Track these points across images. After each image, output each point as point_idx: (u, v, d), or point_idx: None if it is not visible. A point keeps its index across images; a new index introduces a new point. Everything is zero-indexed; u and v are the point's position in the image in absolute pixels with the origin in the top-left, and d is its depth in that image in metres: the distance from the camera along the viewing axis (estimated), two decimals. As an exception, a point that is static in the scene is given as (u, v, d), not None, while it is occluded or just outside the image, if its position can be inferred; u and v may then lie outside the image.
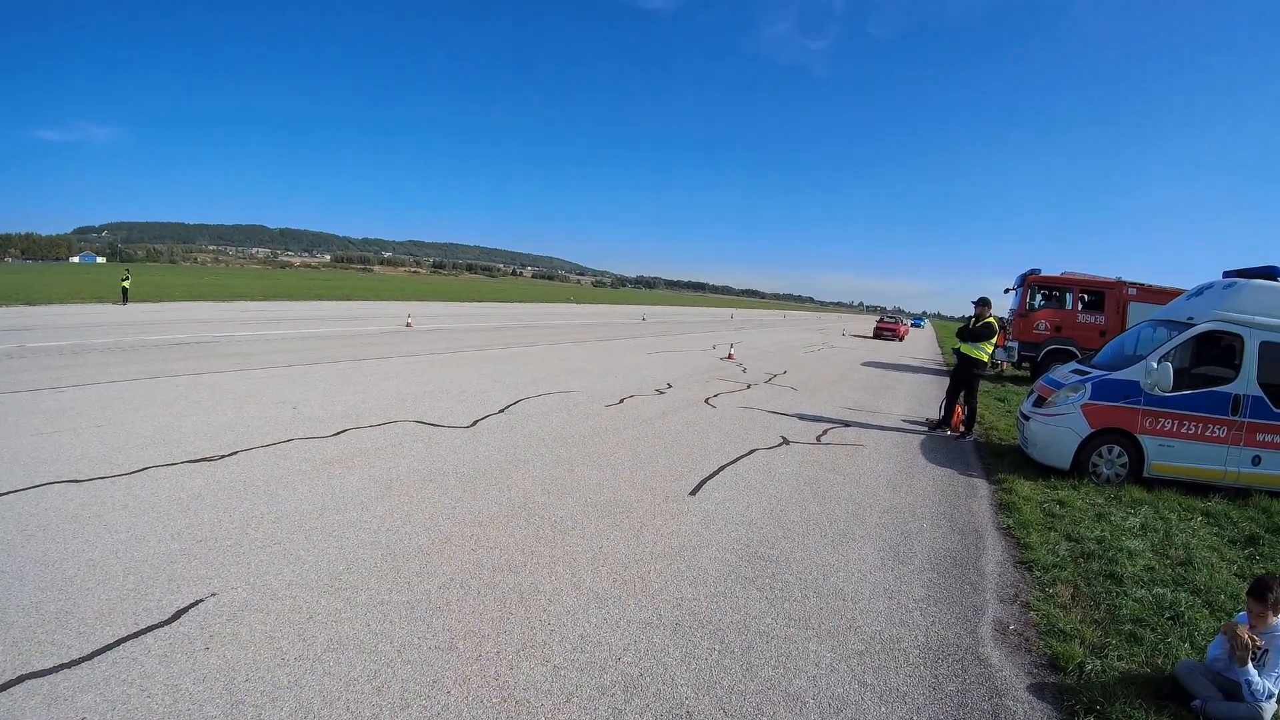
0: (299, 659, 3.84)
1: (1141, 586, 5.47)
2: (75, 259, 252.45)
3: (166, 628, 4.06)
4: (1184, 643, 4.65)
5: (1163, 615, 5.02)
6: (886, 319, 58.12)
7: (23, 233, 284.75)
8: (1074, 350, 19.83)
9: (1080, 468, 8.78)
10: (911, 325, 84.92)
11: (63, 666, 3.62)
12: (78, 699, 3.37)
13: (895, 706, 3.78)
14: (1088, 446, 8.76)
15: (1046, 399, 9.38)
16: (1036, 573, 5.73)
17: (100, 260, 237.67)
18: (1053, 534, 6.66)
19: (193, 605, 4.33)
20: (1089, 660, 4.33)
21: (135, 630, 4.01)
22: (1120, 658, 4.39)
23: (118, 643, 3.87)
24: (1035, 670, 4.29)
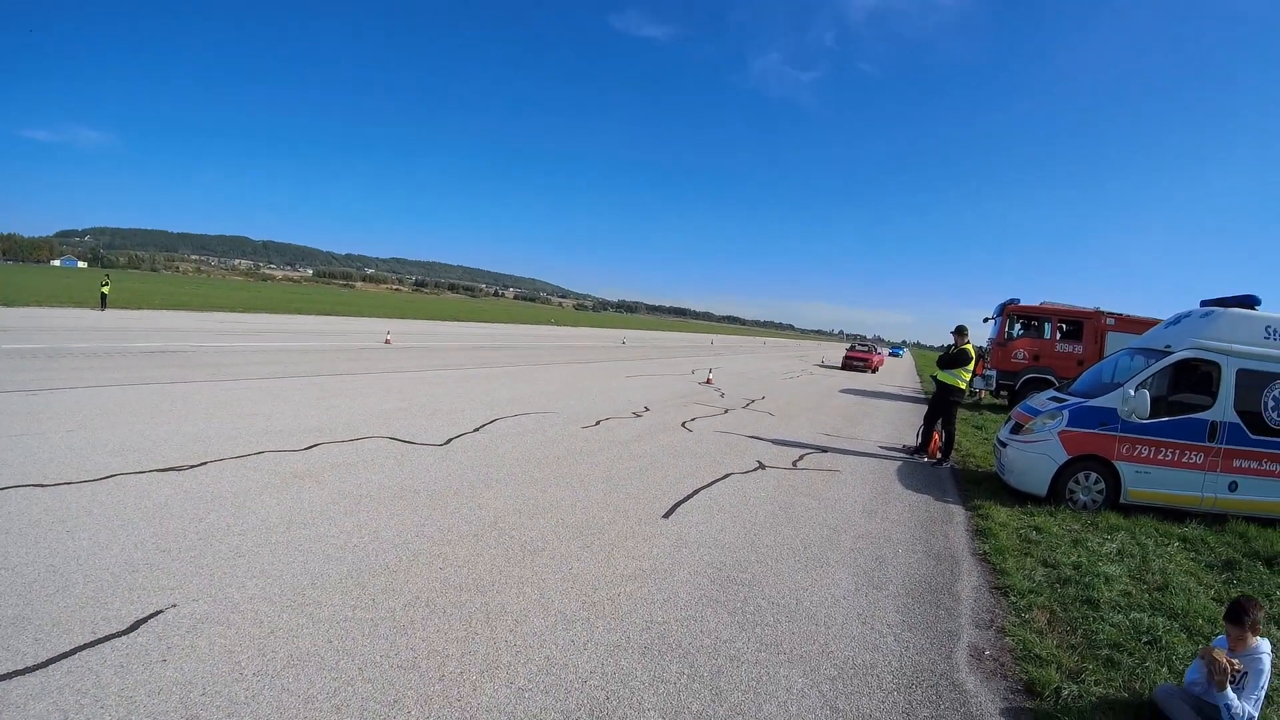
0: (258, 674, 3.75)
1: (1119, 611, 5.45)
2: (56, 262, 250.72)
3: (124, 638, 3.98)
4: (1162, 667, 4.64)
5: (1140, 640, 5.00)
6: (858, 347, 50.09)
7: (5, 233, 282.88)
8: (1051, 379, 19.96)
9: (1057, 494, 8.77)
10: (889, 354, 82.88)
11: (16, 674, 3.54)
12: (29, 707, 3.29)
13: (868, 734, 3.72)
14: (1065, 473, 8.77)
15: (1024, 426, 9.40)
16: (1012, 598, 5.70)
17: (82, 265, 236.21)
18: (1029, 560, 6.65)
19: (152, 616, 4.24)
20: (1066, 685, 4.28)
21: (92, 639, 3.92)
22: (1098, 682, 4.36)
23: (74, 651, 3.79)
24: (1011, 695, 4.24)
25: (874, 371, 43.19)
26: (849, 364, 43.49)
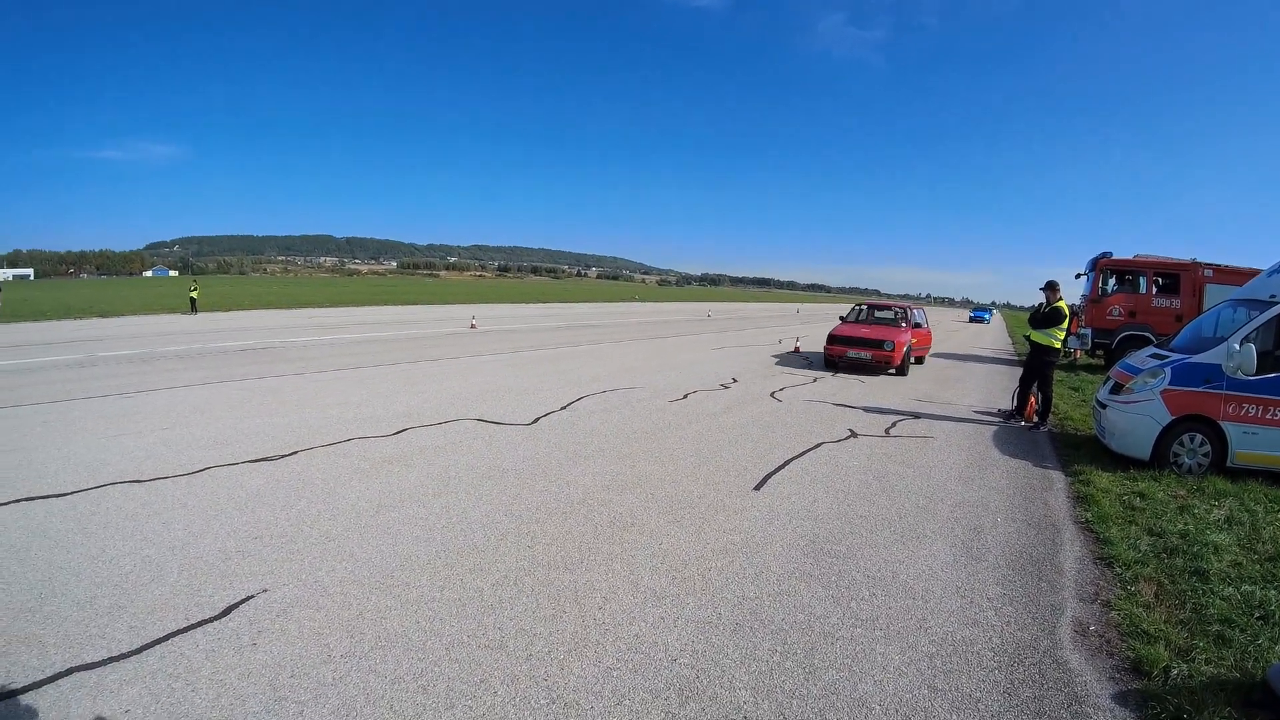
0: (345, 656, 3.77)
1: (1229, 584, 5.10)
2: (149, 273, 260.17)
3: (216, 623, 4.06)
4: (1276, 644, 4.31)
5: (1252, 615, 4.65)
6: (873, 313, 22.48)
7: (98, 249, 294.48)
8: (1149, 336, 19.01)
9: (1160, 458, 8.30)
10: (972, 318, 73.47)
11: (111, 660, 3.63)
12: (123, 692, 3.36)
13: (968, 714, 3.54)
14: (1168, 435, 8.28)
15: (1124, 385, 8.93)
16: (1117, 569, 5.40)
17: (172, 273, 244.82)
18: (1133, 528, 6.30)
19: (243, 601, 4.33)
20: (1175, 664, 4.00)
21: (185, 625, 4.01)
22: (1208, 661, 4.05)
23: (167, 637, 3.87)
24: (1117, 675, 3.99)
25: (897, 370, 18.25)
26: (835, 354, 18.54)
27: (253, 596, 4.38)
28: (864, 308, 22.09)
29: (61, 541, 5.10)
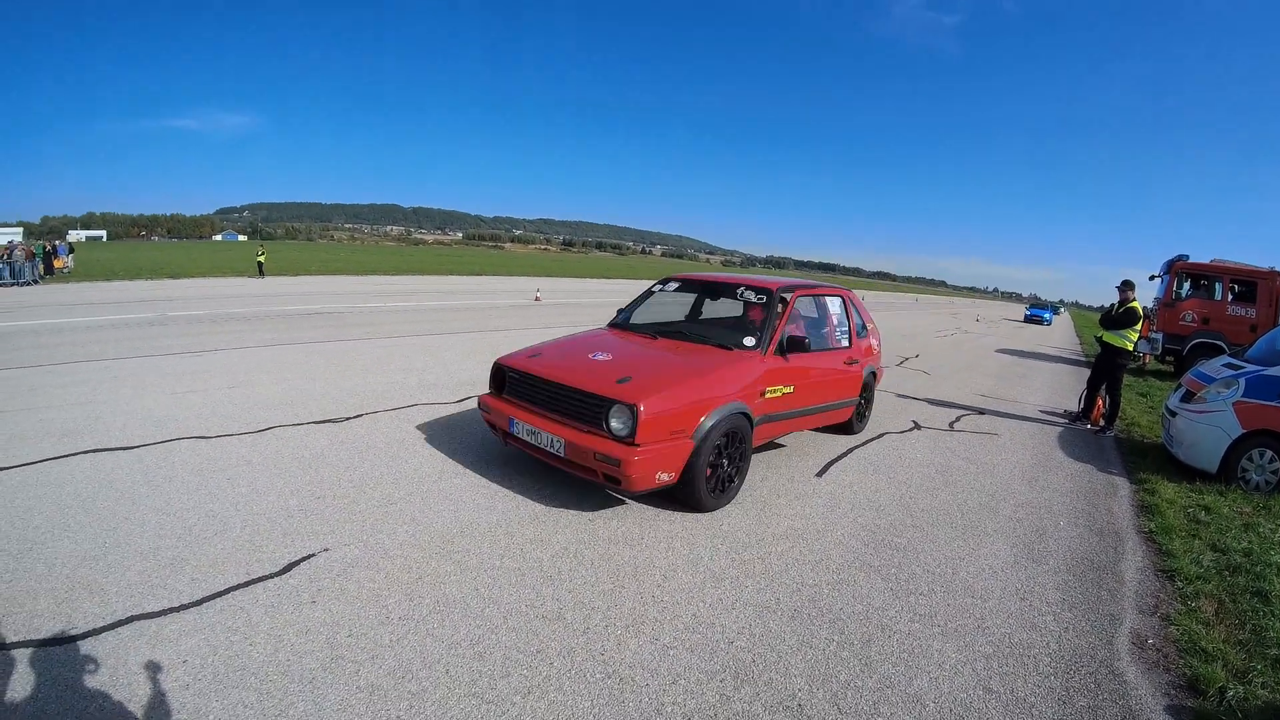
0: (403, 619, 3.84)
1: None
2: (218, 237, 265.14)
3: (276, 579, 4.14)
4: (1332, 675, 4.19)
5: None
6: (699, 305, 8.90)
7: (169, 214, 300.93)
8: (1222, 344, 18.39)
9: (1228, 472, 8.00)
10: (1028, 316, 54.62)
11: (171, 610, 3.72)
12: (182, 641, 3.45)
13: (1021, 718, 3.51)
14: (1238, 448, 7.98)
15: (1195, 394, 8.67)
16: (1179, 583, 5.27)
17: (241, 238, 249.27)
18: (1197, 542, 6.13)
19: (304, 559, 4.41)
20: (1231, 685, 3.90)
21: (245, 580, 4.10)
22: (1265, 685, 3.94)
23: (227, 590, 3.96)
24: (1173, 691, 3.90)
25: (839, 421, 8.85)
26: (493, 426, 6.52)
27: (313, 555, 4.47)
28: (670, 285, 8.56)
29: (127, 493, 5.23)
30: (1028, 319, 56.60)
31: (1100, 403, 11.13)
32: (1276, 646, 4.38)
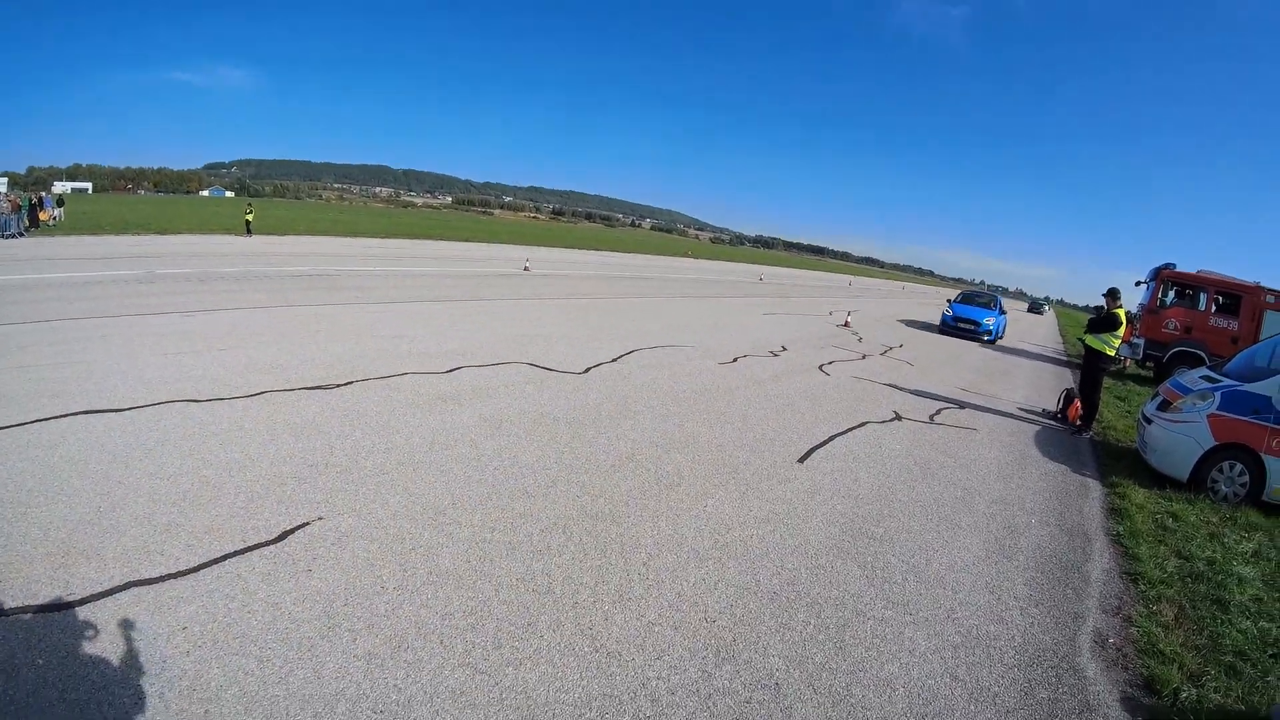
0: (398, 588, 3.95)
1: (1247, 617, 5.12)
2: (205, 193, 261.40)
3: (272, 547, 4.23)
4: (1284, 684, 4.38)
5: (1265, 651, 4.68)
6: None
7: (156, 167, 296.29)
8: (1202, 355, 18.65)
9: (1198, 481, 8.20)
10: (979, 322, 32.10)
11: (169, 576, 3.79)
12: (181, 609, 3.53)
13: (984, 706, 3.67)
14: (1209, 460, 8.18)
15: (1172, 404, 8.86)
16: (1142, 586, 5.46)
17: (229, 194, 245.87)
18: (1163, 548, 6.32)
19: (299, 527, 4.49)
20: (1185, 687, 4.09)
21: (242, 547, 4.18)
22: (1217, 690, 4.13)
23: (224, 558, 4.04)
24: (1130, 689, 4.09)
25: None
26: None
27: (308, 524, 4.55)
28: None
29: (120, 456, 5.26)
30: (978, 324, 61.69)
31: (1077, 403, 11.33)
32: (1231, 653, 4.57)
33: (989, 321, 25.53)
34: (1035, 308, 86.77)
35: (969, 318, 25.90)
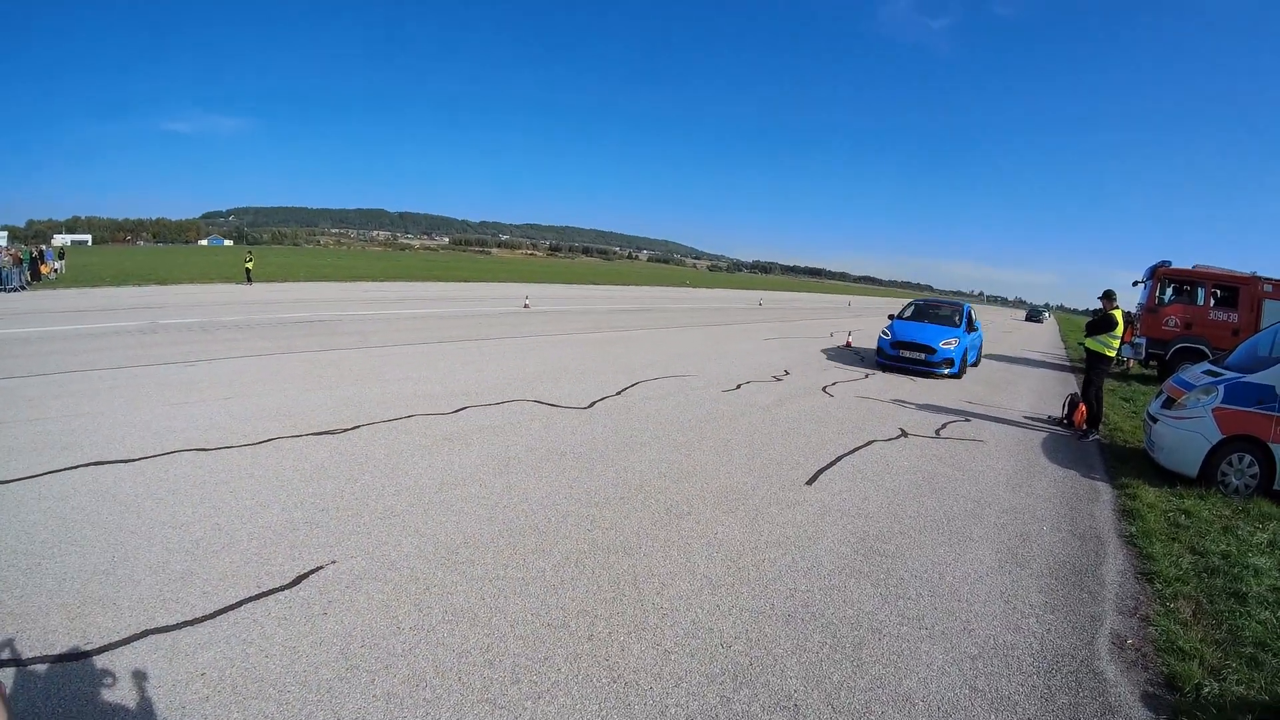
0: (414, 628, 3.96)
1: (1266, 608, 5.11)
2: (204, 242, 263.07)
3: (287, 592, 4.25)
4: (1306, 670, 4.36)
5: None
6: None
7: (154, 218, 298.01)
8: (1204, 349, 18.73)
9: (1208, 476, 8.18)
10: (933, 347, 17.66)
11: (185, 624, 3.81)
12: (198, 655, 3.54)
13: (1006, 715, 3.66)
14: (1218, 454, 8.16)
15: (1176, 400, 8.84)
16: (1158, 585, 5.44)
17: (227, 243, 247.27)
18: (1176, 545, 6.31)
19: (313, 571, 4.52)
20: (1206, 682, 4.08)
21: (257, 593, 4.20)
22: (1239, 682, 4.11)
23: (239, 604, 4.07)
24: (1151, 688, 4.08)
25: None
26: None
27: (322, 567, 4.58)
28: None
29: (132, 506, 5.32)
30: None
31: (1082, 407, 11.33)
32: (1251, 645, 4.55)
33: (948, 345, 17.07)
34: (1034, 316, 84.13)
35: (917, 341, 17.35)
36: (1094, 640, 4.56)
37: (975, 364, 19.31)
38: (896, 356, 16.94)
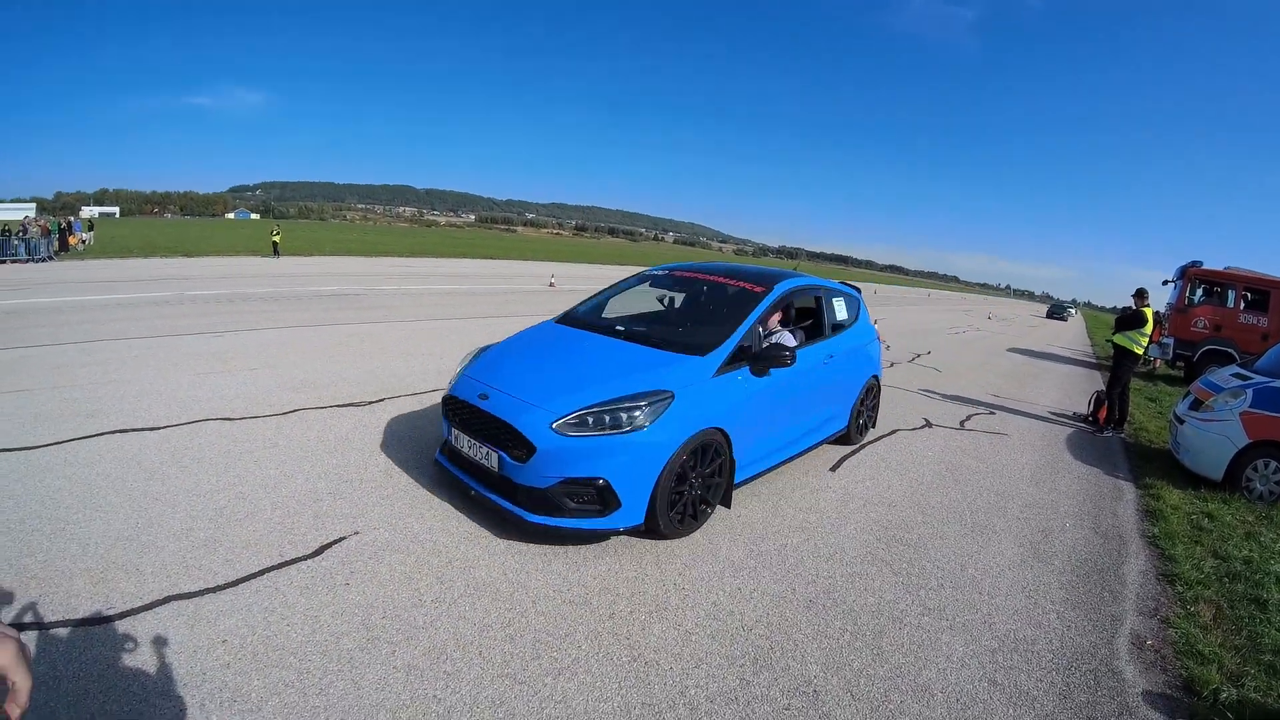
0: (436, 601, 3.99)
1: None
2: (231, 215, 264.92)
3: (309, 561, 4.28)
4: (1325, 682, 4.31)
5: None
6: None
7: (182, 191, 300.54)
8: (1233, 352, 18.41)
9: (1233, 480, 8.07)
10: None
11: (208, 590, 3.85)
12: (220, 622, 3.58)
13: (1024, 710, 3.65)
14: (1243, 458, 8.04)
15: (1204, 403, 8.76)
16: (1179, 588, 5.40)
17: (254, 216, 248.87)
18: (1199, 548, 6.25)
19: (336, 542, 4.54)
20: (1225, 688, 4.04)
21: (279, 562, 4.23)
22: (1257, 690, 4.07)
23: (262, 572, 4.10)
24: (1169, 691, 4.05)
25: None
26: None
27: (345, 538, 4.60)
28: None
29: (157, 473, 5.35)
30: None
31: (1106, 405, 11.26)
32: (1271, 652, 4.51)
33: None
34: (1057, 312, 70.39)
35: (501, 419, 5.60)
36: (1114, 639, 4.53)
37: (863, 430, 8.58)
38: (455, 455, 5.51)
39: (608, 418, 4.70)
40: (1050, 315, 69.34)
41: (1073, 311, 77.41)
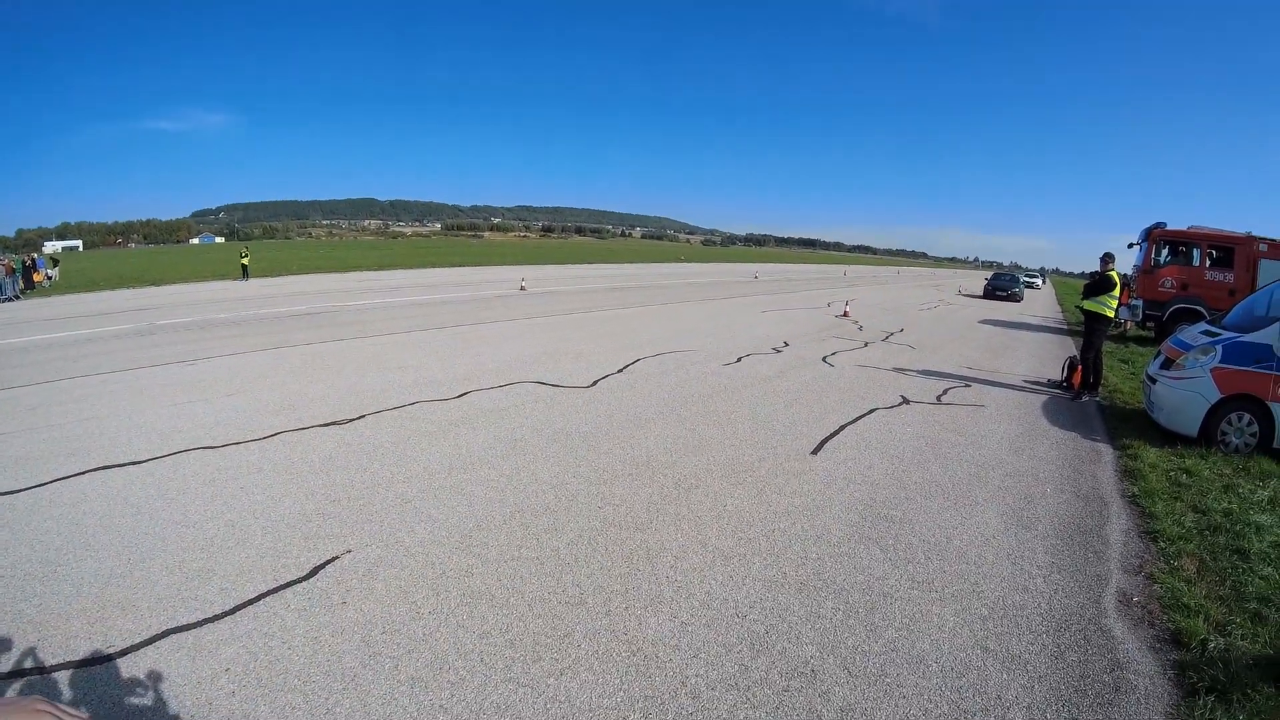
0: (433, 612, 4.02)
1: (1269, 564, 5.15)
2: (195, 240, 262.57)
3: (304, 583, 4.29)
4: (1310, 625, 4.42)
5: None
6: None
7: (144, 219, 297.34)
8: (1201, 310, 18.77)
9: (1208, 436, 8.24)
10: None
11: (206, 621, 3.86)
12: (221, 651, 3.59)
13: (1017, 674, 3.73)
14: (1217, 413, 8.22)
15: (1174, 361, 8.88)
16: (1161, 544, 5.50)
17: (219, 240, 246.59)
18: (1179, 504, 6.36)
19: (329, 562, 4.56)
20: (1212, 637, 4.14)
21: (275, 586, 4.25)
22: (1244, 637, 4.17)
23: (258, 598, 4.11)
24: (1157, 644, 4.14)
25: None
26: None
27: (337, 557, 4.62)
28: None
29: (144, 508, 5.34)
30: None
31: (1080, 369, 11.39)
32: (1255, 601, 4.61)
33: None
34: (1002, 288, 42.33)
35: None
36: (1101, 599, 4.62)
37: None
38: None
39: None
40: (991, 293, 42.86)
41: (1041, 283, 61.80)
